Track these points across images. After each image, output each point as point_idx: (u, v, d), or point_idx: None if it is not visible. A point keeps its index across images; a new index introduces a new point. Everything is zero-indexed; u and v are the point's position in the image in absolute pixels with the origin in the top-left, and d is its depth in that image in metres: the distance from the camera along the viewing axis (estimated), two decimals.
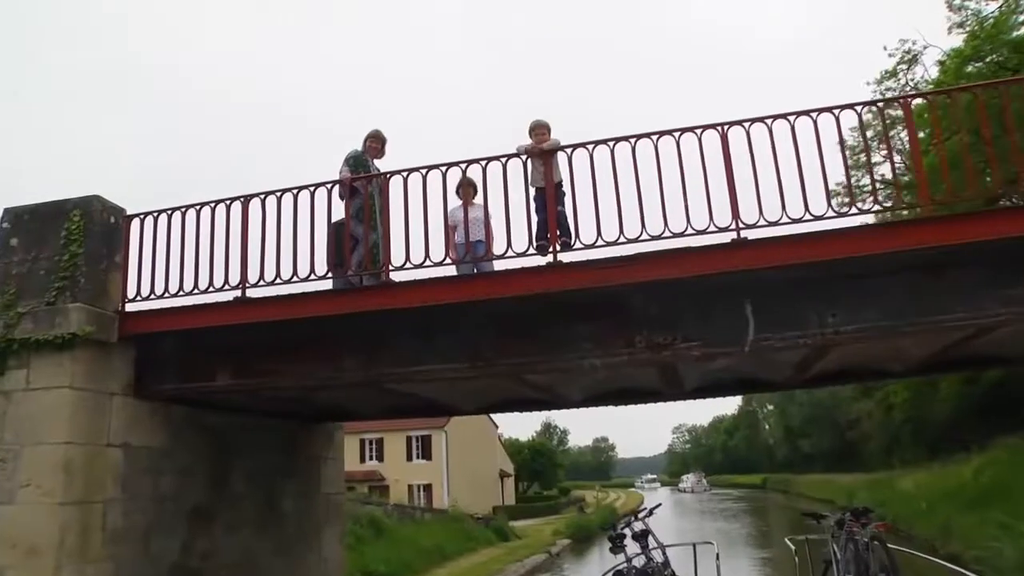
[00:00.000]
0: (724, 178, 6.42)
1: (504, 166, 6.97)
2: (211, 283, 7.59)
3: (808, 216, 6.22)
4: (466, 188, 7.87)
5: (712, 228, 6.37)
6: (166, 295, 7.75)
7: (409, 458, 48.43)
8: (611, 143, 6.74)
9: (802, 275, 6.29)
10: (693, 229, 6.41)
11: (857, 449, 56.37)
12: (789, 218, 6.22)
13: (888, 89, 23.97)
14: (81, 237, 7.74)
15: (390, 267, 7.20)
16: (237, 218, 7.65)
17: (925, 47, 23.85)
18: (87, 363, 7.44)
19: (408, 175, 7.22)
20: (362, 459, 48.64)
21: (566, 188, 6.95)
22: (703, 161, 6.49)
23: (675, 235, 6.45)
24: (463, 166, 7.06)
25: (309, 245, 7.30)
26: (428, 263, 6.97)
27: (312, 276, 7.26)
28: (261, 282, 7.43)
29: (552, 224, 6.84)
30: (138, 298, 7.87)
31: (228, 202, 7.69)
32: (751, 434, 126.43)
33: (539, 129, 7.29)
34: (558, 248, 6.78)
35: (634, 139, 6.69)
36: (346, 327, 7.42)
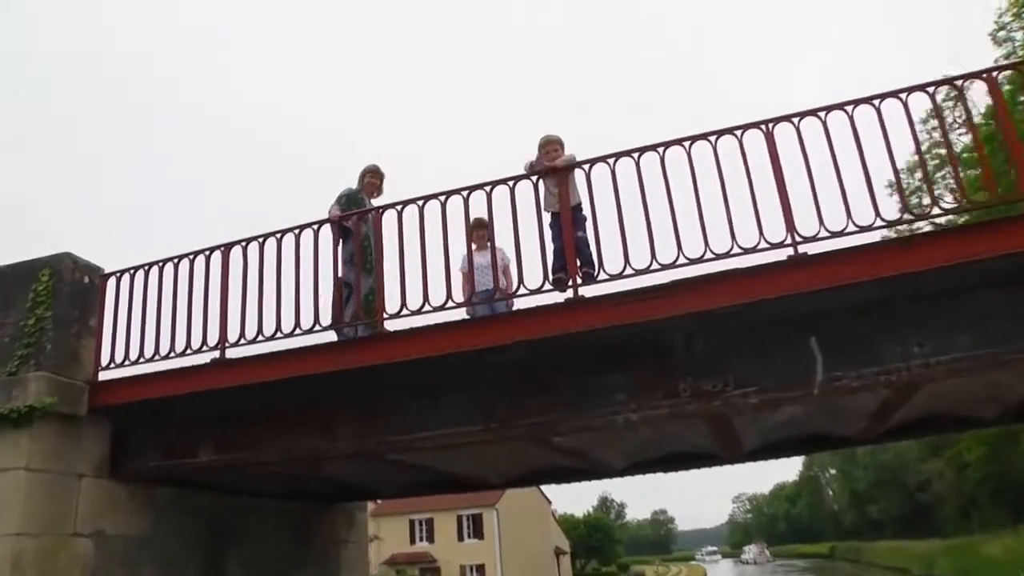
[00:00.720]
0: (773, 185, 5.27)
1: (512, 190, 5.92)
2: (188, 345, 6.60)
3: (879, 222, 5.01)
4: (479, 231, 6.84)
5: (763, 245, 5.18)
6: (141, 360, 6.78)
7: (460, 538, 46.61)
8: (636, 154, 5.65)
9: (878, 295, 5.03)
10: (740, 248, 5.23)
11: (929, 513, 52.65)
12: (856, 226, 5.02)
13: (933, 128, 22.60)
14: (49, 299, 6.85)
15: (384, 315, 6.13)
16: (219, 270, 6.71)
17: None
18: (49, 440, 6.44)
19: (403, 208, 6.22)
20: (412, 540, 47.13)
21: (586, 211, 5.84)
22: (746, 167, 5.35)
23: (718, 256, 5.27)
24: (464, 193, 6.02)
25: (294, 296, 6.29)
26: (428, 308, 5.89)
27: (297, 331, 6.23)
28: (242, 341, 6.42)
29: (570, 253, 5.72)
30: (112, 365, 6.91)
31: (207, 252, 6.76)
32: (814, 501, 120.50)
33: (550, 145, 6.26)
34: (579, 281, 5.64)
35: (662, 148, 5.60)
36: (336, 389, 6.31)
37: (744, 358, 5.47)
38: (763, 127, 5.40)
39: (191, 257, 6.80)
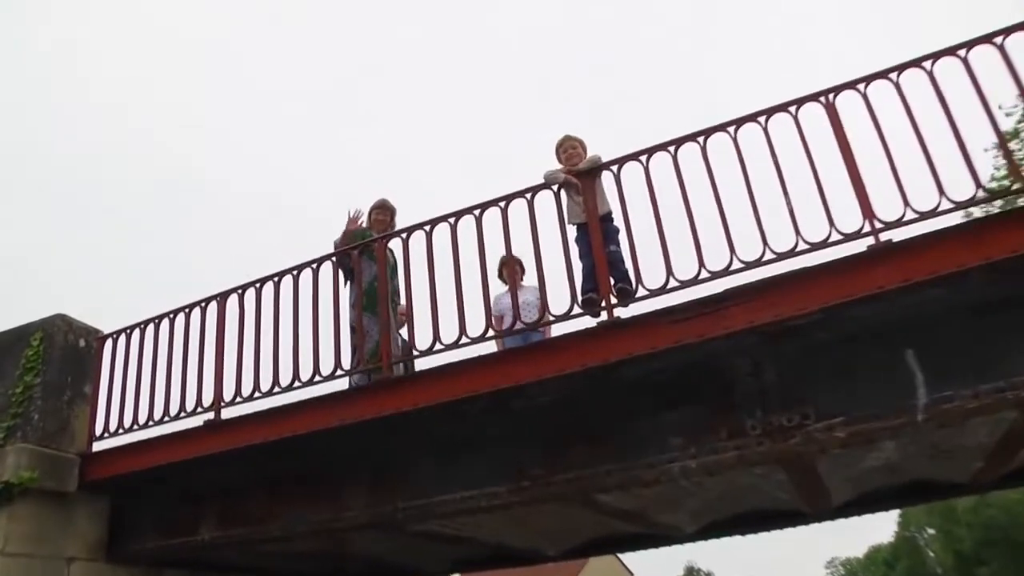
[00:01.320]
0: (840, 167, 4.26)
1: (530, 203, 5.05)
2: (182, 406, 5.83)
3: (981, 193, 3.94)
4: (511, 266, 5.98)
5: (834, 237, 4.15)
6: (135, 427, 6.03)
7: None
8: (672, 148, 4.74)
9: (994, 288, 3.92)
10: (806, 243, 4.21)
11: None
12: (952, 202, 3.96)
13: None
14: (38, 365, 6.21)
15: (391, 360, 5.25)
16: (214, 322, 5.98)
17: None
18: (31, 520, 5.68)
19: (408, 235, 5.40)
20: None
21: (618, 220, 4.91)
22: (806, 147, 4.37)
23: (780, 256, 4.26)
24: (477, 212, 5.16)
25: (292, 344, 5.49)
26: (439, 346, 4.99)
27: (296, 384, 5.39)
28: (238, 399, 5.61)
29: (601, 268, 4.77)
30: (106, 435, 6.18)
31: (203, 304, 6.04)
32: (913, 564, 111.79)
33: (569, 144, 5.38)
34: (613, 301, 4.68)
35: (702, 137, 4.67)
36: (341, 448, 5.42)
37: (825, 383, 4.37)
38: (822, 99, 4.43)
39: (187, 310, 6.10)
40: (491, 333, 4.96)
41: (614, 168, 4.90)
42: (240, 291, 5.90)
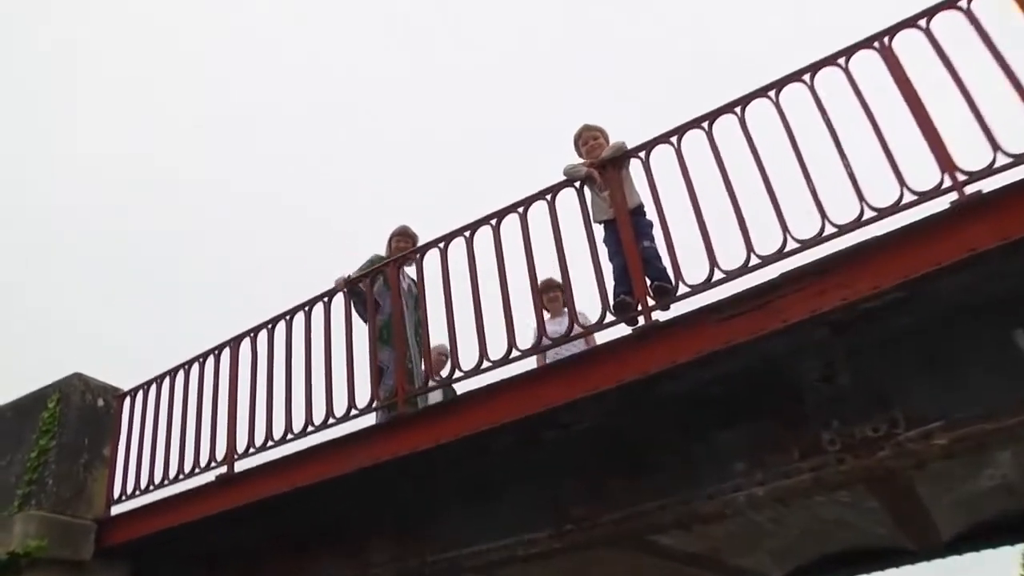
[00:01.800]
0: (906, 115, 3.51)
1: (551, 204, 4.42)
2: (196, 461, 5.33)
3: None
4: (553, 293, 5.34)
5: (907, 198, 3.38)
6: (151, 488, 5.55)
7: None
8: (706, 123, 4.07)
9: None
10: (872, 209, 3.45)
11: None
12: None
13: None
14: (53, 428, 5.83)
15: (407, 395, 4.63)
16: (227, 369, 5.50)
17: None
18: None
19: (423, 255, 4.84)
20: None
21: (651, 213, 4.24)
22: (861, 98, 3.64)
23: (842, 229, 3.50)
24: (493, 223, 4.56)
25: (304, 385, 4.94)
26: (459, 374, 4.36)
27: (310, 428, 4.82)
28: (251, 449, 5.07)
29: (634, 264, 4.08)
30: (124, 497, 5.72)
31: (216, 352, 5.57)
32: None
33: (588, 135, 4.75)
34: (649, 303, 3.97)
35: (739, 107, 3.99)
36: (361, 496, 4.78)
37: (915, 379, 3.54)
38: (876, 44, 3.70)
39: (201, 360, 5.64)
40: (516, 353, 4.28)
41: (641, 155, 4.26)
42: (252, 334, 5.42)
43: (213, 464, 5.22)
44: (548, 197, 4.44)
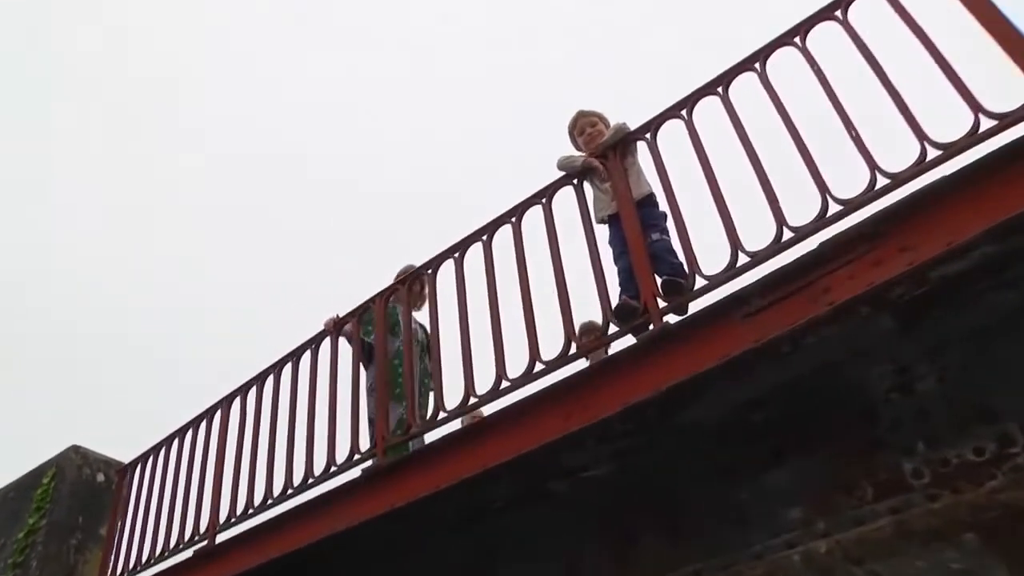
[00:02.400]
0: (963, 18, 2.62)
1: (547, 207, 3.66)
2: (181, 536, 4.63)
3: None
4: (593, 334, 4.52)
5: (986, 125, 2.45)
6: (138, 569, 4.86)
7: None
8: (720, 87, 3.26)
9: None
10: (936, 146, 2.53)
11: None
12: None
13: None
14: (45, 505, 5.28)
15: (386, 444, 3.82)
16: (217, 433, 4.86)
17: None
18: None
19: (408, 284, 4.14)
20: None
21: (663, 205, 3.40)
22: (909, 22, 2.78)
23: (899, 177, 2.59)
24: (484, 239, 3.81)
25: (287, 446, 4.23)
26: (442, 415, 3.54)
27: (289, 491, 4.06)
28: (232, 519, 4.34)
29: (640, 263, 3.22)
30: None
31: (209, 414, 4.94)
32: None
33: (585, 121, 3.98)
34: (660, 305, 3.08)
35: (759, 62, 3.18)
36: (348, 566, 3.94)
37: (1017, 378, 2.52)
38: None
39: (194, 425, 5.02)
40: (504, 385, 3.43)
41: (647, 135, 3.47)
42: (243, 391, 4.78)
43: (196, 537, 4.51)
44: (543, 201, 3.69)
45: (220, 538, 4.37)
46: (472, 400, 3.47)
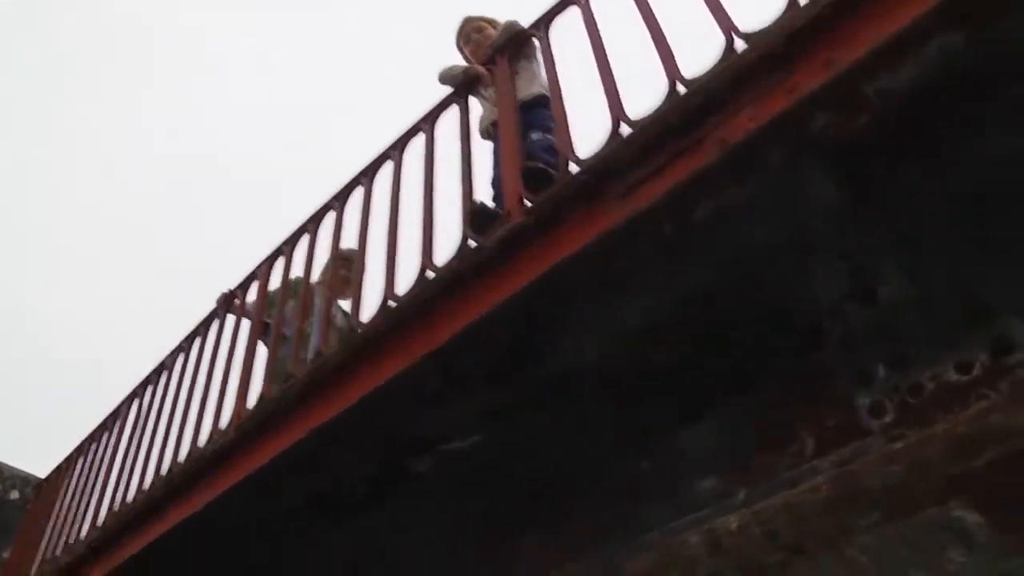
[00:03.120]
0: None
1: (430, 134, 2.89)
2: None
3: None
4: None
5: None
6: None
7: None
8: None
9: None
10: None
11: None
12: None
13: None
14: None
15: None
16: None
17: None
18: None
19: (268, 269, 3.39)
20: None
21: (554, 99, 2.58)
22: None
23: None
24: (365, 183, 3.06)
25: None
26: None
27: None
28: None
29: (508, 163, 2.40)
30: None
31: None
32: None
33: (471, 27, 3.18)
34: (525, 201, 2.24)
35: None
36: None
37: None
38: None
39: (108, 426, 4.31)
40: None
41: (542, 30, 2.70)
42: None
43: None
44: (426, 126, 2.93)
45: None
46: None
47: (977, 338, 1.62)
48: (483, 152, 2.83)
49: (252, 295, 3.56)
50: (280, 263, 3.33)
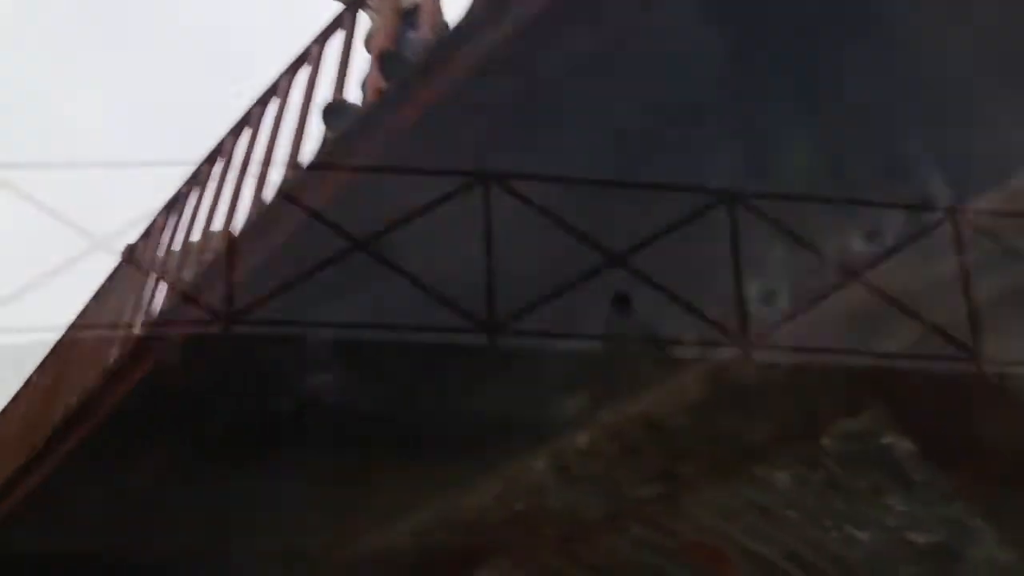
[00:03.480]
0: None
1: (316, 63, 2.60)
2: None
3: None
4: None
5: None
6: None
7: None
8: None
9: None
10: None
11: None
12: None
13: None
14: None
15: None
16: None
17: None
18: None
19: None
20: None
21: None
22: None
23: None
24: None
25: None
26: None
27: None
28: None
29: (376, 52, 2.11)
30: None
31: None
32: None
33: None
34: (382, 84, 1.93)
35: None
36: None
37: None
38: None
39: None
40: None
41: None
42: None
43: None
44: (315, 50, 2.64)
45: None
46: None
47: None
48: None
49: None
50: None
